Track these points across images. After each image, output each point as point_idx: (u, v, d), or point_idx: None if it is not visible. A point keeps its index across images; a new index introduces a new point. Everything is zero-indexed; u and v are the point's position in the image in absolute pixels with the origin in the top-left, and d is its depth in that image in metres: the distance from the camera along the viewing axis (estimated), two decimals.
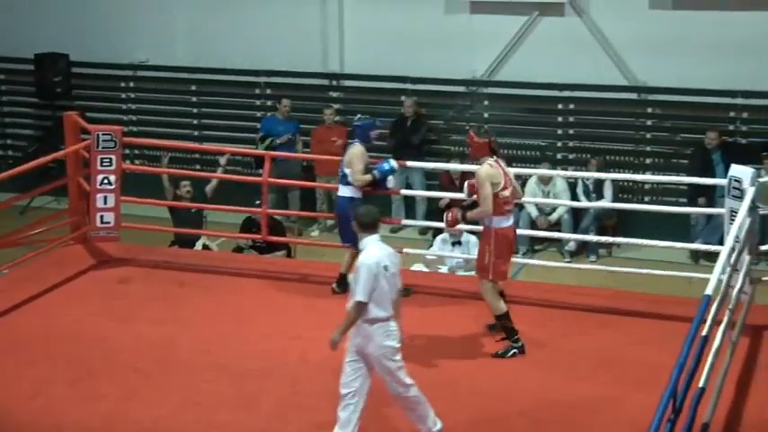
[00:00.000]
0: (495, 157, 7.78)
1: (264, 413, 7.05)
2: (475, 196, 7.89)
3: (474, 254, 8.72)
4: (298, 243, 11.90)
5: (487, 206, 7.64)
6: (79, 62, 15.44)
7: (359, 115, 9.28)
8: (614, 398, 7.15)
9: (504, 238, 7.78)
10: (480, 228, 8.05)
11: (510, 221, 7.81)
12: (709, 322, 5.99)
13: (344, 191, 8.86)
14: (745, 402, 6.98)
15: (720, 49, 12.73)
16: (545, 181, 12.84)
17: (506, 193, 7.72)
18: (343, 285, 8.68)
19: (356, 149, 8.84)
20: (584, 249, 12.95)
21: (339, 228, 9.16)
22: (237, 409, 7.09)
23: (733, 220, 7.74)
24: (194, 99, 15.40)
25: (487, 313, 8.03)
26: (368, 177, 8.82)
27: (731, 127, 13.02)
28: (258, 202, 10.22)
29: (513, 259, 10.37)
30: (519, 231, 11.96)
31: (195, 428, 6.90)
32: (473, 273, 8.22)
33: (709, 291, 6.12)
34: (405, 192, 12.46)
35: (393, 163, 9.00)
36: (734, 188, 8.03)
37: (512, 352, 7.79)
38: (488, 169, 7.69)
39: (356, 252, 8.21)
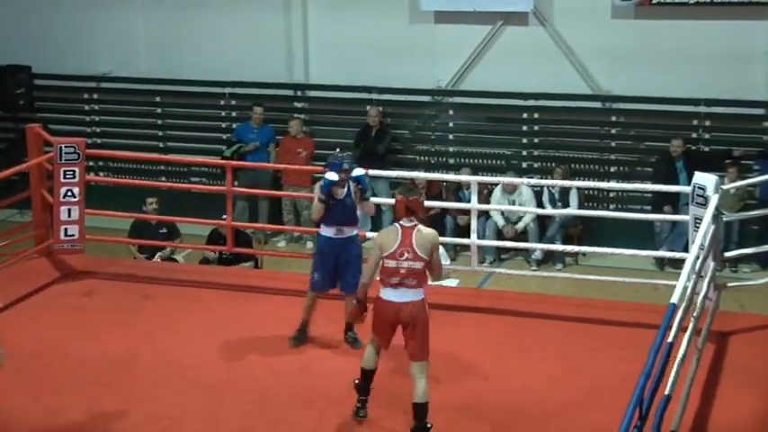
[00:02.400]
0: (411, 220, 6.71)
1: (231, 426, 7.01)
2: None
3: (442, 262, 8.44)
4: (264, 254, 11.86)
5: (365, 276, 6.82)
6: (41, 74, 15.33)
7: (338, 149, 8.74)
8: (581, 406, 7.17)
9: (378, 311, 6.74)
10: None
11: (392, 296, 6.64)
12: (674, 329, 6.02)
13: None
14: (711, 409, 7.02)
15: (683, 57, 12.84)
16: (510, 190, 12.88)
17: (391, 263, 6.58)
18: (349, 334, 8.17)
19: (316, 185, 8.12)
20: (550, 258, 13.00)
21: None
22: (204, 422, 7.04)
23: (697, 227, 7.79)
24: (158, 111, 15.32)
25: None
26: (317, 204, 7.95)
27: (694, 135, 13.12)
28: (225, 216, 10.15)
29: (480, 268, 10.51)
30: (486, 242, 12.11)
31: None
32: (438, 282, 8.14)
33: (674, 299, 6.16)
34: (372, 199, 12.43)
35: (329, 176, 7.84)
36: (698, 195, 8.09)
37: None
38: (382, 234, 6.79)
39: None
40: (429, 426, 6.70)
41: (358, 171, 7.92)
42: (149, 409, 7.20)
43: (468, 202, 10.04)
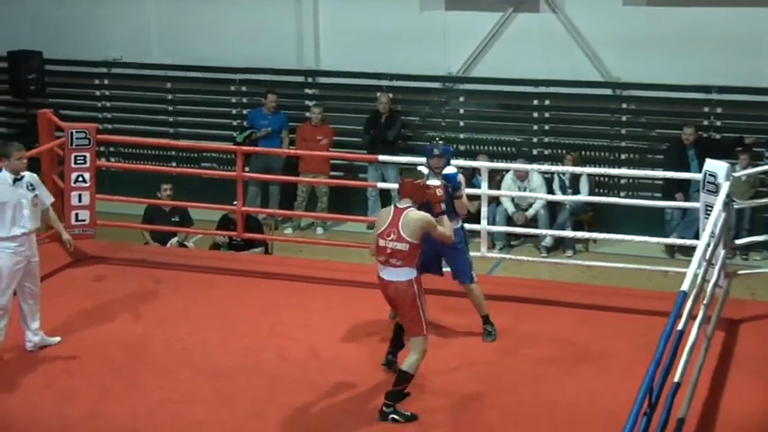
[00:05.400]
0: (407, 203, 6.90)
1: (242, 411, 7.04)
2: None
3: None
4: (274, 240, 11.88)
5: (370, 249, 7.10)
6: (53, 59, 15.33)
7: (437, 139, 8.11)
8: (592, 392, 7.18)
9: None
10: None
11: (382, 274, 6.91)
12: (684, 317, 6.03)
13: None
14: (720, 397, 7.02)
15: (694, 44, 12.79)
16: (521, 177, 12.87)
17: (381, 242, 6.85)
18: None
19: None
20: (560, 244, 12.99)
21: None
22: (215, 407, 7.07)
23: (708, 214, 7.79)
24: (169, 96, 15.32)
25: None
26: (464, 203, 7.93)
27: (705, 122, 13.08)
28: (235, 203, 10.16)
29: (491, 254, 10.51)
30: (496, 228, 12.12)
31: (172, 426, 6.88)
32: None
33: (685, 287, 6.16)
34: (381, 185, 12.45)
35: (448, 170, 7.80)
36: (709, 183, 8.07)
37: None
38: (380, 213, 7.18)
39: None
40: (405, 393, 6.90)
41: (449, 169, 7.75)
42: (161, 394, 7.24)
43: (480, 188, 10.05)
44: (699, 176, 8.37)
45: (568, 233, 11.96)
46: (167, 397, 7.21)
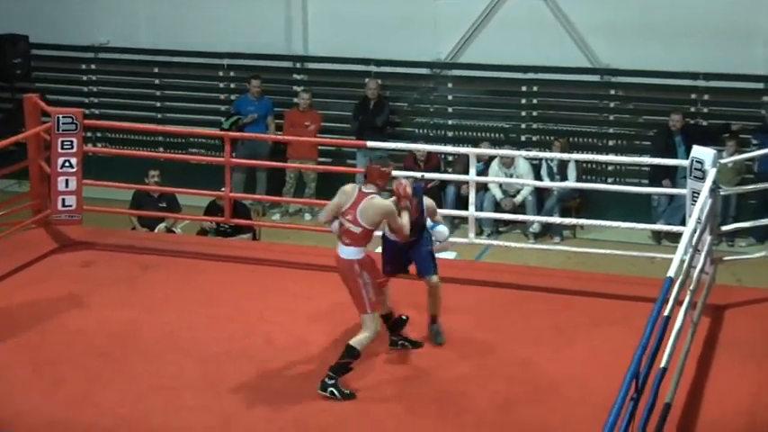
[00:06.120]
0: (371, 188, 7.05)
1: (230, 396, 7.03)
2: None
3: (438, 238, 8.28)
4: (262, 226, 11.88)
5: (321, 214, 7.39)
6: (39, 44, 15.28)
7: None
8: (579, 378, 7.19)
9: None
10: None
11: (338, 249, 7.14)
12: (671, 303, 6.05)
13: None
14: (706, 381, 7.05)
15: (682, 31, 12.81)
16: (507, 164, 12.89)
17: (341, 219, 7.05)
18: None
19: None
20: (548, 230, 13.03)
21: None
22: (203, 393, 7.06)
23: (695, 200, 7.80)
24: (157, 81, 15.29)
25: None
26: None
27: (692, 109, 13.12)
28: (223, 189, 10.15)
29: (479, 240, 10.53)
30: (484, 214, 12.17)
31: (160, 412, 6.86)
32: (437, 255, 8.14)
33: (671, 273, 6.18)
34: None
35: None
36: (695, 169, 8.09)
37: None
38: (346, 187, 7.16)
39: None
40: (349, 368, 6.99)
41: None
42: (149, 380, 7.22)
43: (479, 173, 10.05)
44: (686, 163, 8.37)
45: (556, 219, 11.99)
46: (156, 383, 7.19)
